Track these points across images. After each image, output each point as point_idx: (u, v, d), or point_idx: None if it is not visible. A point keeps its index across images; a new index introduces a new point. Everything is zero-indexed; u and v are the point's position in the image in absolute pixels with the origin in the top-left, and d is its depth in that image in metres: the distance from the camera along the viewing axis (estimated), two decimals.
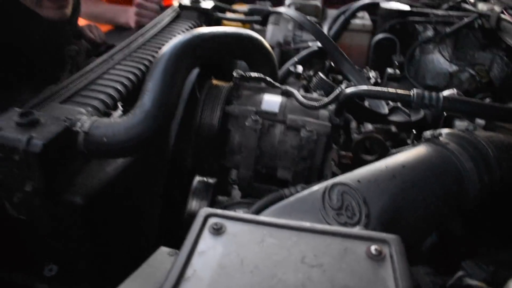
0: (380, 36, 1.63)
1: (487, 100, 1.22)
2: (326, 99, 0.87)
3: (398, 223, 0.69)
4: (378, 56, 1.65)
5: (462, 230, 0.95)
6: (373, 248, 0.52)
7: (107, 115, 0.87)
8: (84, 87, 0.97)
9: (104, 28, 1.79)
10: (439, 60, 1.61)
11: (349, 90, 0.84)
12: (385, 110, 1.13)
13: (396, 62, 1.60)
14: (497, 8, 1.36)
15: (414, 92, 0.82)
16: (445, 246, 0.93)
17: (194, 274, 0.49)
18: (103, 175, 0.83)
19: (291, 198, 0.71)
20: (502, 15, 1.32)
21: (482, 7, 1.50)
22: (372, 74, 1.35)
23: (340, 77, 1.33)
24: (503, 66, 1.52)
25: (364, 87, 0.84)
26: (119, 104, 0.91)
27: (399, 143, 1.08)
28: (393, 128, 1.16)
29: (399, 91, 0.84)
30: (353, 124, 1.18)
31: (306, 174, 0.87)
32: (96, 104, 0.91)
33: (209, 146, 0.90)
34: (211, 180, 0.91)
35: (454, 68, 1.58)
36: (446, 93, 1.14)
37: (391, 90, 0.84)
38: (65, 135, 0.74)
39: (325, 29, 1.59)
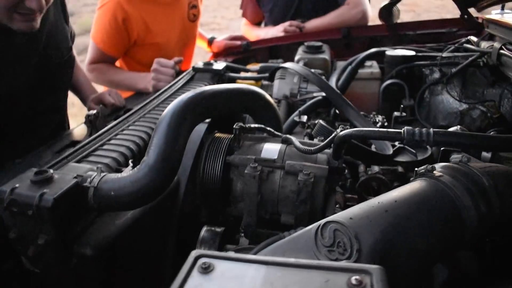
0: (387, 82, 1.67)
1: None
2: (322, 144, 0.90)
3: (391, 257, 0.69)
4: (387, 101, 1.69)
5: (476, 272, 0.94)
6: (353, 278, 0.53)
7: (118, 171, 0.94)
8: (99, 147, 1.05)
9: (126, 94, 1.92)
10: (449, 100, 1.63)
11: (342, 132, 0.88)
12: (390, 151, 1.16)
13: (405, 105, 1.64)
14: (496, 45, 1.39)
15: (404, 129, 0.85)
16: (458, 286, 0.91)
17: None
18: (113, 227, 0.88)
19: (286, 238, 0.73)
20: (502, 51, 1.35)
21: (484, 45, 1.54)
22: (378, 118, 1.38)
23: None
24: None
25: (357, 129, 0.88)
26: (130, 161, 0.97)
27: (407, 183, 1.09)
28: (400, 168, 1.17)
29: (390, 130, 0.86)
30: (361, 168, 1.21)
31: (308, 217, 0.90)
32: (108, 162, 0.98)
33: (214, 196, 0.94)
34: (218, 229, 0.95)
35: (464, 106, 1.59)
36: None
37: (382, 129, 0.87)
38: (75, 190, 0.80)
39: (333, 80, 1.64)
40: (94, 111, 1.28)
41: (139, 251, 0.97)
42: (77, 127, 1.40)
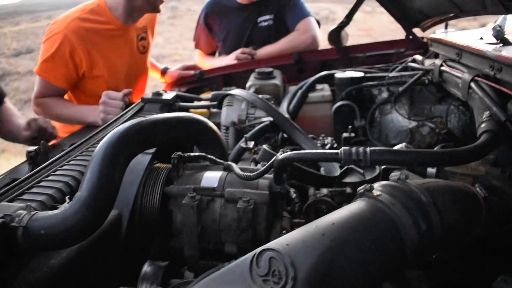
0: (338, 104, 1.69)
1: None
2: (261, 169, 0.89)
3: (329, 282, 0.68)
4: (340, 123, 1.70)
5: None
6: None
7: (54, 208, 0.90)
8: (35, 184, 1.01)
9: (75, 127, 1.88)
10: (398, 118, 1.66)
11: (281, 156, 0.87)
12: (337, 172, 1.15)
13: (356, 126, 1.66)
14: (437, 62, 1.43)
15: (341, 150, 0.84)
16: None
17: None
18: (47, 268, 0.83)
19: (222, 269, 0.70)
20: (442, 68, 1.38)
21: (428, 63, 1.58)
22: (327, 140, 1.39)
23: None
24: (459, 115, 1.56)
25: (294, 152, 0.87)
26: (67, 198, 0.93)
27: None
28: (348, 189, 1.17)
29: (328, 151, 0.86)
30: (311, 191, 1.19)
31: (251, 246, 0.87)
32: (43, 199, 0.94)
33: (153, 229, 0.91)
34: (162, 263, 0.91)
35: (413, 124, 1.62)
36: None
37: (319, 151, 0.87)
38: (1, 230, 0.76)
39: (285, 105, 1.65)
40: (35, 147, 1.23)
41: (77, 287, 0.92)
42: (20, 164, 1.35)
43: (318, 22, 2.51)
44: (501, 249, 0.94)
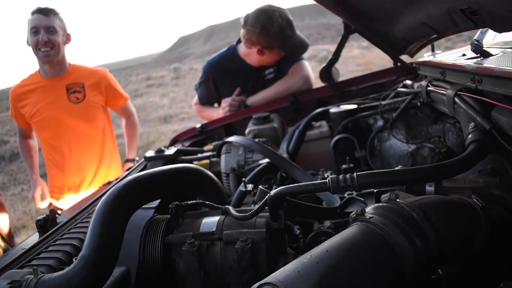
0: (336, 138, 1.72)
1: None
2: (256, 208, 0.91)
3: None
4: (340, 156, 1.72)
5: None
6: None
7: (62, 270, 0.92)
8: (43, 250, 1.04)
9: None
10: (397, 144, 1.67)
11: (272, 192, 0.89)
12: (337, 203, 1.17)
13: (357, 157, 1.67)
14: (424, 83, 1.46)
15: (329, 178, 0.86)
16: None
17: None
18: None
19: None
20: (429, 88, 1.41)
21: (416, 85, 1.61)
22: (327, 174, 1.40)
23: None
24: (457, 132, 1.57)
25: (284, 186, 0.89)
26: (74, 259, 0.96)
27: None
28: (350, 219, 1.17)
29: (316, 182, 0.88)
30: (315, 226, 1.20)
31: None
32: (51, 263, 0.97)
33: (157, 280, 0.93)
34: None
35: (412, 147, 1.63)
36: None
37: (308, 183, 0.89)
38: None
39: (284, 146, 1.68)
40: (44, 216, 1.27)
41: None
42: (32, 235, 1.39)
43: None
44: (504, 254, 0.93)
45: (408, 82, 1.79)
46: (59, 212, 1.39)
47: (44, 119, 2.74)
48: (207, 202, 1.01)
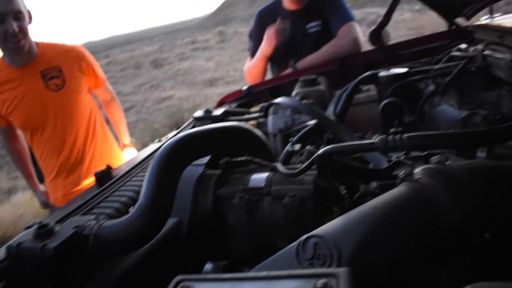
0: (384, 102, 1.69)
1: None
2: (304, 165, 0.93)
3: (371, 262, 0.70)
4: (388, 121, 1.70)
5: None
6: (319, 282, 0.55)
7: None
8: (102, 200, 1.11)
9: None
10: (448, 109, 1.63)
11: (320, 151, 0.91)
12: (384, 165, 1.17)
13: (406, 122, 1.65)
14: (480, 47, 1.41)
15: (378, 138, 0.87)
16: None
17: None
18: (116, 272, 0.91)
19: (270, 258, 0.75)
20: (485, 52, 1.36)
21: (471, 50, 1.55)
22: (375, 137, 1.40)
23: None
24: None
25: (332, 145, 0.90)
26: (130, 209, 1.02)
27: None
28: (399, 180, 1.18)
29: (365, 141, 0.89)
30: (361, 187, 1.21)
31: None
32: (110, 212, 1.04)
33: (209, 231, 0.98)
34: (221, 263, 0.97)
35: (464, 113, 1.59)
36: None
37: (357, 142, 0.90)
38: (74, 239, 0.85)
39: (331, 109, 1.68)
40: (102, 170, 1.35)
41: None
42: (89, 188, 1.48)
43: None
44: None
45: (463, 46, 1.73)
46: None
47: (25, 117, 2.37)
48: (256, 160, 1.04)
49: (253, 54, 2.75)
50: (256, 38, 2.72)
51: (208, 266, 0.97)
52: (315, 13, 2.53)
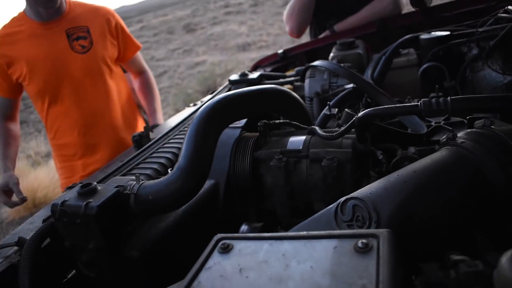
0: (424, 66, 1.64)
1: None
2: (343, 128, 0.92)
3: (410, 225, 0.70)
4: (428, 86, 1.65)
5: None
6: (360, 242, 0.55)
7: None
8: (141, 161, 1.14)
9: None
10: (491, 75, 1.57)
11: (360, 114, 0.89)
12: (424, 130, 1.14)
13: (446, 87, 1.60)
14: None
15: (421, 101, 0.85)
16: None
17: (199, 285, 0.57)
18: (157, 230, 0.95)
19: (309, 219, 0.76)
20: None
21: None
22: (414, 102, 1.37)
23: None
24: None
25: (373, 108, 0.89)
26: (169, 170, 1.04)
27: None
28: (437, 147, 1.15)
29: (407, 104, 0.87)
30: (399, 152, 1.20)
31: None
32: (149, 173, 1.06)
33: (246, 192, 0.99)
34: (257, 224, 0.99)
35: (508, 79, 1.52)
36: None
37: (399, 105, 0.88)
38: (117, 197, 0.88)
39: (369, 73, 1.64)
40: (139, 132, 1.38)
41: (183, 252, 1.03)
42: (128, 150, 1.51)
43: None
44: None
45: (511, 7, 1.64)
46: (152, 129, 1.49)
47: (44, 80, 2.04)
48: (294, 122, 1.04)
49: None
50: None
51: (244, 227, 0.98)
52: None
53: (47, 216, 0.98)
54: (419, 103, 0.85)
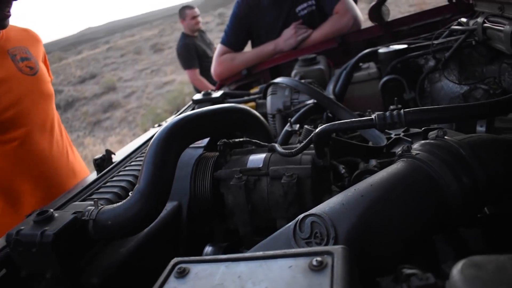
0: (384, 79, 1.68)
1: None
2: (301, 145, 0.93)
3: (369, 240, 0.70)
4: (388, 98, 1.69)
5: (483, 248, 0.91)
6: (314, 260, 0.55)
7: None
8: (101, 186, 1.11)
9: None
10: (448, 85, 1.62)
11: (317, 130, 0.90)
12: (383, 143, 1.16)
13: (406, 99, 1.64)
14: (479, 20, 1.38)
15: (375, 115, 0.86)
16: None
17: None
18: (117, 255, 0.92)
19: (268, 238, 0.75)
20: (485, 25, 1.34)
21: (471, 23, 1.53)
22: (374, 115, 1.39)
23: None
24: None
25: (330, 123, 0.89)
26: (130, 193, 1.02)
27: None
28: (396, 156, 1.17)
29: (362, 118, 0.88)
30: (361, 165, 1.21)
31: None
32: (109, 197, 1.04)
33: (209, 213, 0.98)
34: (222, 245, 0.97)
35: (465, 88, 1.57)
36: None
37: (354, 120, 0.89)
38: (74, 224, 0.86)
39: (330, 88, 1.67)
40: (101, 155, 1.35)
41: (146, 276, 1.01)
42: (91, 174, 1.48)
43: (355, 1, 2.48)
44: None
45: (463, 19, 1.70)
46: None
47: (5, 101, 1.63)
48: (254, 140, 1.04)
49: (229, 43, 2.54)
50: (239, 26, 2.54)
51: (208, 248, 0.97)
52: None
53: (2, 246, 0.94)
54: (373, 117, 0.86)
